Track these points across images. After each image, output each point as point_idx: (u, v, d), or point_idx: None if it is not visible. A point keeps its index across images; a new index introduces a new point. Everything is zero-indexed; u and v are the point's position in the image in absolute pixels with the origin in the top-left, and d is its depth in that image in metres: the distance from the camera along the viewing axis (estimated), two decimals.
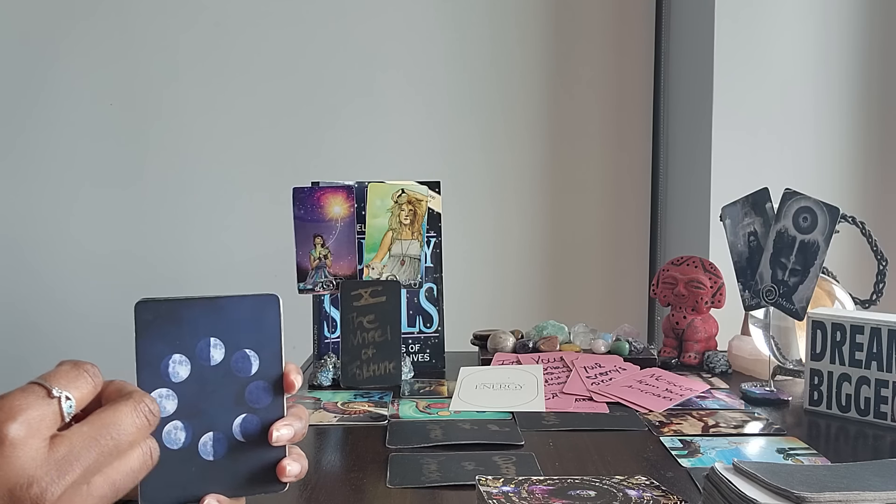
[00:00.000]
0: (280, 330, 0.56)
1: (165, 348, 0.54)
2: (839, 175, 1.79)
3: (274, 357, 0.56)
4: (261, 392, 0.56)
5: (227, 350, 0.55)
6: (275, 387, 0.56)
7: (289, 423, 0.56)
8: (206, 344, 0.54)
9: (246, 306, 0.56)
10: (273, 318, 0.56)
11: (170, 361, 0.54)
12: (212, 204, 2.11)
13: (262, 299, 0.56)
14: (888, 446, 0.95)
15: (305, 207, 1.18)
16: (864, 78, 1.78)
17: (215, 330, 0.55)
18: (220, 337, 0.55)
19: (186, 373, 0.54)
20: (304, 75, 2.09)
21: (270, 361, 0.56)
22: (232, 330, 0.55)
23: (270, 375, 0.56)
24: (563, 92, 2.12)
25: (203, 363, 0.54)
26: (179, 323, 0.54)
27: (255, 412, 0.55)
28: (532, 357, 1.30)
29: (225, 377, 0.55)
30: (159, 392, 0.53)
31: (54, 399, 0.46)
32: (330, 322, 1.29)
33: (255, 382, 0.55)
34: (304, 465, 0.57)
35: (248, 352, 0.55)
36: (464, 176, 2.10)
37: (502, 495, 0.68)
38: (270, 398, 0.56)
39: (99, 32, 2.08)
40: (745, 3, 1.77)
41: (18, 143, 2.09)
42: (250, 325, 0.56)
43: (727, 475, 0.68)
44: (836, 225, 1.04)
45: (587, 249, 2.14)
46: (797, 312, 1.08)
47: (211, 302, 0.55)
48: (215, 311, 0.55)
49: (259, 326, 0.56)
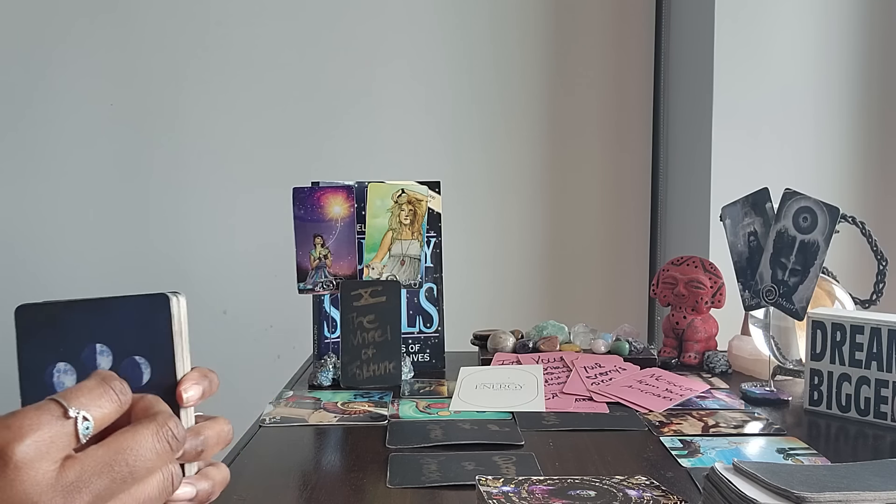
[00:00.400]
0: (171, 334, 0.50)
1: (48, 356, 0.49)
2: (839, 175, 1.79)
3: (166, 364, 0.50)
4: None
5: (115, 357, 0.49)
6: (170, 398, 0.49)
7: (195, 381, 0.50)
8: (91, 350, 0.49)
9: (133, 308, 0.50)
10: (163, 320, 0.50)
11: (54, 371, 0.49)
12: (212, 204, 2.11)
13: (151, 299, 0.50)
14: (888, 446, 0.95)
15: (305, 207, 1.18)
16: (864, 78, 1.78)
17: (101, 335, 0.49)
18: (106, 343, 0.49)
19: (72, 383, 0.49)
20: (304, 75, 2.09)
21: (163, 369, 0.50)
22: (120, 335, 0.49)
23: (164, 385, 0.49)
24: (563, 92, 2.12)
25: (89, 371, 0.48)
26: (63, 328, 0.49)
27: None
28: (532, 357, 1.30)
29: None
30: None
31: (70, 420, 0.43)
32: (330, 322, 1.29)
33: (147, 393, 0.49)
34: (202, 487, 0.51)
35: (138, 359, 0.50)
36: (464, 176, 2.10)
37: (502, 495, 0.68)
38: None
39: (99, 32, 2.08)
40: (745, 2, 1.77)
41: (18, 143, 2.09)
42: (139, 329, 0.50)
43: (727, 475, 0.68)
44: (836, 225, 1.04)
45: (587, 249, 2.14)
46: (797, 312, 1.08)
47: (96, 304, 0.50)
48: (101, 313, 0.50)
49: (149, 330, 0.50)
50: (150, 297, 0.50)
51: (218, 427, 0.52)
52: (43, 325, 0.49)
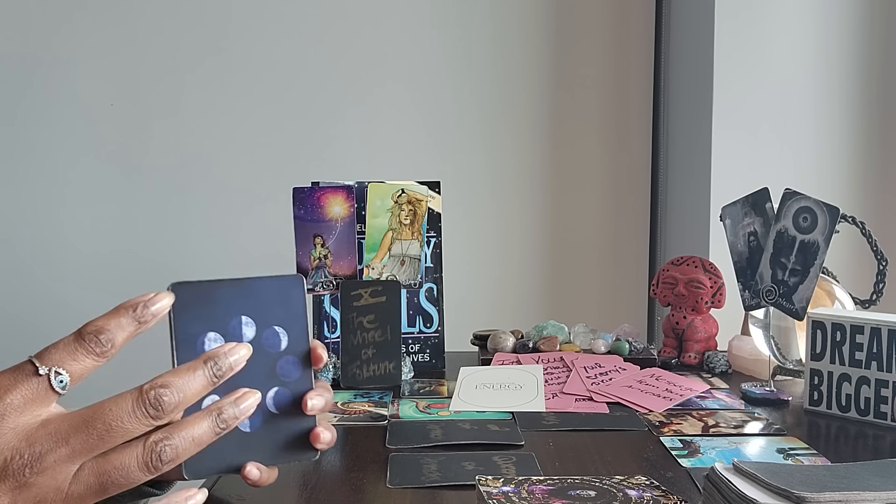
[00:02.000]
0: (305, 308, 0.60)
1: (201, 327, 0.56)
2: (839, 175, 1.79)
3: (301, 333, 0.59)
4: (290, 366, 0.59)
5: (258, 327, 0.58)
6: (303, 361, 0.59)
7: (319, 394, 0.60)
8: (238, 322, 0.57)
9: (273, 286, 0.59)
10: (298, 296, 0.60)
11: (205, 339, 0.56)
12: (212, 204, 2.11)
13: (288, 279, 0.60)
14: (888, 446, 0.95)
15: (305, 207, 1.18)
16: (865, 78, 1.78)
17: (246, 309, 0.58)
18: (250, 315, 0.58)
19: None
20: (304, 75, 2.09)
21: (298, 337, 0.59)
22: (261, 308, 0.58)
23: (298, 350, 0.59)
24: (563, 92, 2.12)
25: (236, 340, 0.56)
26: (213, 303, 0.57)
27: (286, 385, 0.59)
28: (532, 357, 1.30)
29: (257, 353, 0.56)
30: None
31: (42, 377, 0.46)
32: (330, 322, 1.29)
33: (286, 357, 0.59)
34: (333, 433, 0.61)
35: (277, 328, 0.59)
36: (464, 176, 2.10)
37: (502, 495, 0.68)
38: (300, 372, 0.59)
39: (99, 32, 2.08)
40: (746, 3, 1.77)
41: (18, 142, 2.09)
42: (278, 304, 0.59)
43: (727, 475, 0.68)
44: (836, 225, 1.04)
45: (587, 249, 2.14)
46: (797, 312, 1.08)
47: (241, 283, 0.58)
48: (245, 291, 0.58)
49: (286, 305, 0.59)
50: (288, 277, 0.60)
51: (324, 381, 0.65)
52: (196, 300, 0.57)
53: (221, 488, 0.81)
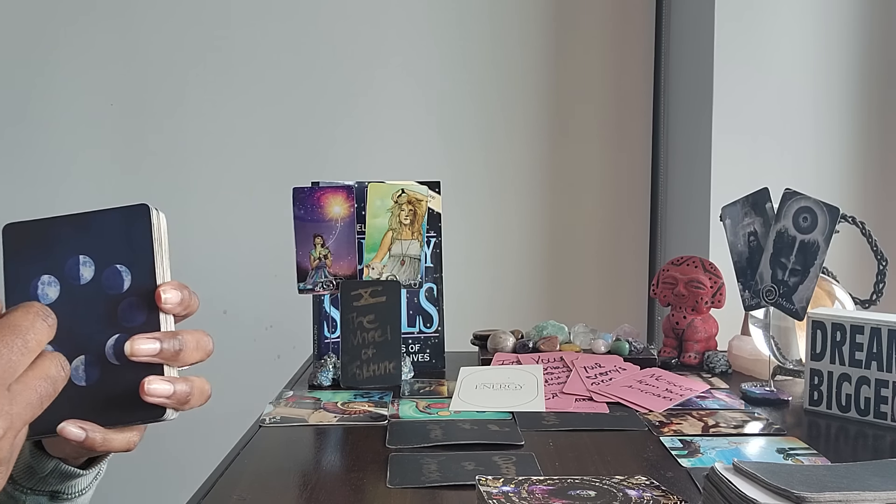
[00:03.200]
0: (151, 242, 0.52)
1: (34, 269, 0.51)
2: (839, 175, 1.79)
3: (146, 272, 0.51)
4: (133, 309, 0.51)
5: (98, 267, 0.51)
6: (149, 303, 0.51)
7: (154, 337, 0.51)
8: (74, 262, 0.51)
9: (115, 220, 0.52)
10: (143, 229, 0.52)
11: (38, 283, 0.51)
12: (212, 204, 2.11)
13: (131, 210, 0.52)
14: (888, 446, 0.95)
15: (305, 207, 1.18)
16: (865, 80, 1.78)
17: (84, 247, 0.52)
18: (89, 254, 0.52)
19: (56, 293, 0.51)
20: (305, 75, 2.09)
21: (142, 276, 0.51)
22: (101, 246, 0.52)
23: (144, 291, 0.51)
24: (562, 92, 2.12)
25: (73, 282, 0.51)
26: (47, 243, 0.52)
27: (128, 331, 0.51)
28: (532, 357, 1.30)
29: (96, 295, 0.51)
30: None
31: None
32: (330, 322, 1.29)
33: (128, 300, 0.51)
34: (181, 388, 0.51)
35: (119, 267, 0.51)
36: (464, 176, 2.10)
37: (502, 495, 0.68)
38: (144, 316, 0.51)
39: (99, 32, 2.08)
40: (746, 5, 1.77)
41: (18, 142, 2.09)
42: (121, 239, 0.52)
43: (727, 475, 0.68)
44: (836, 225, 1.04)
45: (587, 249, 2.14)
46: (797, 312, 1.08)
47: (78, 218, 0.52)
48: (83, 227, 0.52)
49: (129, 240, 0.52)
50: (130, 208, 0.52)
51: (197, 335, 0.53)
52: (29, 241, 0.52)
53: (222, 488, 0.81)
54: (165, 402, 0.51)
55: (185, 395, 0.52)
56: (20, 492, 0.68)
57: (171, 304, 0.51)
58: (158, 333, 0.51)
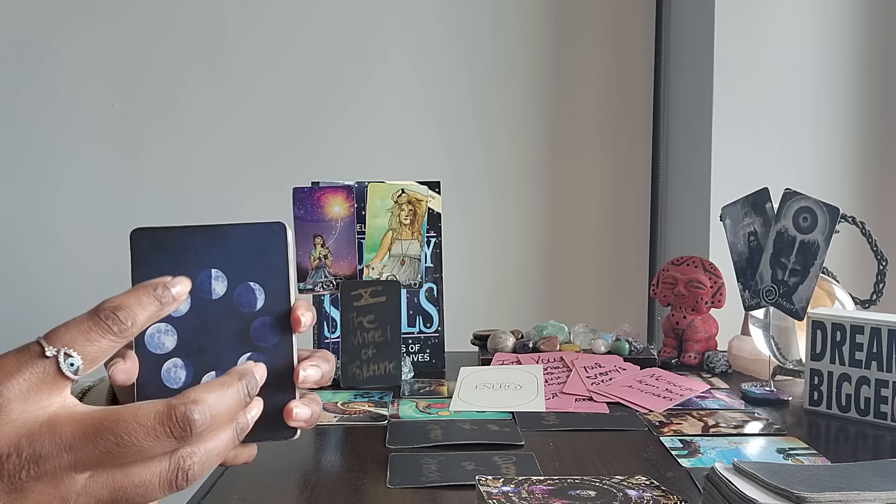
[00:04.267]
0: (287, 261, 0.51)
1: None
2: (839, 175, 1.79)
3: (280, 291, 0.51)
4: (267, 329, 0.50)
5: (230, 283, 0.50)
6: (282, 324, 0.51)
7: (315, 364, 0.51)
8: (206, 276, 0.50)
9: (250, 235, 0.51)
10: (279, 248, 0.51)
11: None
12: (212, 204, 2.11)
13: (268, 227, 0.51)
14: (888, 446, 0.95)
15: (305, 207, 1.18)
16: (865, 77, 1.78)
17: (217, 261, 0.50)
18: (222, 268, 0.50)
19: (186, 306, 0.50)
20: (304, 75, 2.09)
21: (277, 296, 0.50)
22: (235, 261, 0.50)
23: (277, 311, 0.50)
24: (562, 91, 2.12)
25: (204, 296, 0.50)
26: (178, 252, 0.50)
27: (261, 351, 0.50)
28: (532, 357, 1.30)
29: (228, 312, 0.50)
30: (157, 327, 0.49)
31: (49, 359, 0.41)
32: (330, 322, 1.29)
33: (261, 318, 0.50)
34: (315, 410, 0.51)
35: (253, 285, 0.50)
36: (464, 176, 2.10)
37: (502, 495, 0.68)
38: (278, 336, 0.50)
39: (99, 32, 2.08)
40: (746, 2, 1.77)
41: (18, 142, 2.09)
42: (255, 256, 0.50)
43: (727, 475, 0.68)
44: (836, 225, 1.04)
45: (587, 249, 2.14)
46: (797, 312, 1.08)
47: (213, 230, 0.50)
48: (217, 240, 0.50)
49: (264, 257, 0.50)
50: (267, 225, 0.51)
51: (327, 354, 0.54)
52: (159, 249, 0.50)
53: (222, 488, 0.81)
54: (304, 425, 0.51)
55: (317, 417, 0.51)
56: None
57: (307, 327, 0.51)
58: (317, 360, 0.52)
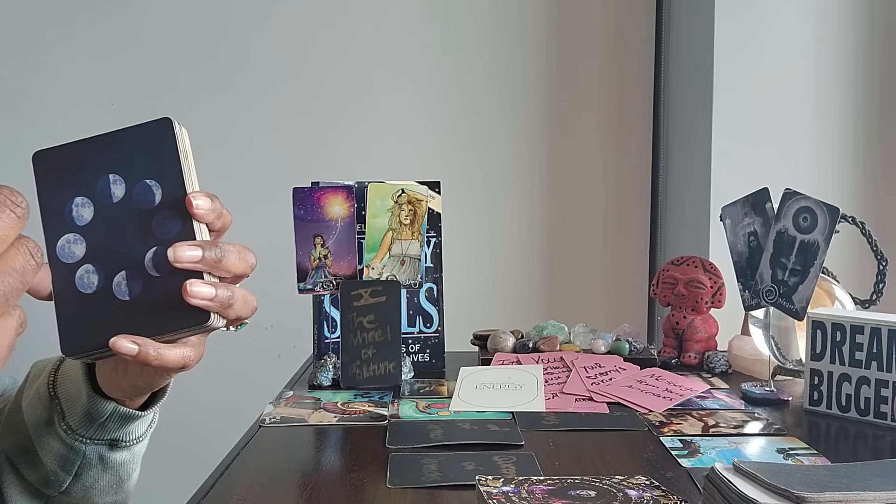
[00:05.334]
0: (177, 154, 0.54)
1: (66, 193, 0.52)
2: (839, 175, 1.79)
3: (175, 183, 0.53)
4: (168, 222, 0.53)
5: (128, 184, 0.53)
6: (182, 214, 0.53)
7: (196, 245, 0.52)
8: (105, 182, 0.53)
9: (140, 136, 0.54)
10: (168, 143, 0.54)
11: (72, 206, 0.52)
12: None
13: (154, 125, 0.54)
14: (888, 446, 0.95)
15: (305, 207, 1.18)
16: (865, 77, 1.78)
17: (113, 166, 0.53)
18: (118, 172, 0.53)
19: (90, 214, 0.52)
20: (304, 75, 2.09)
21: (172, 189, 0.53)
22: (129, 163, 0.53)
23: (175, 202, 0.53)
24: (562, 92, 2.12)
25: (105, 201, 0.52)
26: (76, 166, 0.53)
27: (165, 243, 0.52)
28: (532, 357, 1.30)
29: (129, 212, 0.52)
30: (66, 238, 0.52)
31: None
32: (330, 322, 1.29)
33: (161, 212, 0.53)
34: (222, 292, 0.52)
35: (149, 182, 0.53)
36: (464, 176, 2.10)
37: (502, 495, 0.68)
38: (179, 226, 0.53)
39: (99, 32, 2.08)
40: (746, 3, 1.77)
41: (17, 142, 2.09)
42: (147, 155, 0.53)
43: (727, 475, 0.68)
44: (836, 225, 1.04)
45: (587, 249, 2.14)
46: (797, 312, 1.08)
47: (105, 138, 0.53)
48: (110, 146, 0.53)
49: (156, 154, 0.53)
50: (153, 123, 0.54)
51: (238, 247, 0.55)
52: (59, 166, 0.53)
53: (222, 488, 0.81)
54: (208, 304, 0.51)
55: (228, 300, 0.52)
56: (80, 442, 0.68)
57: (204, 210, 0.52)
58: (200, 241, 0.52)
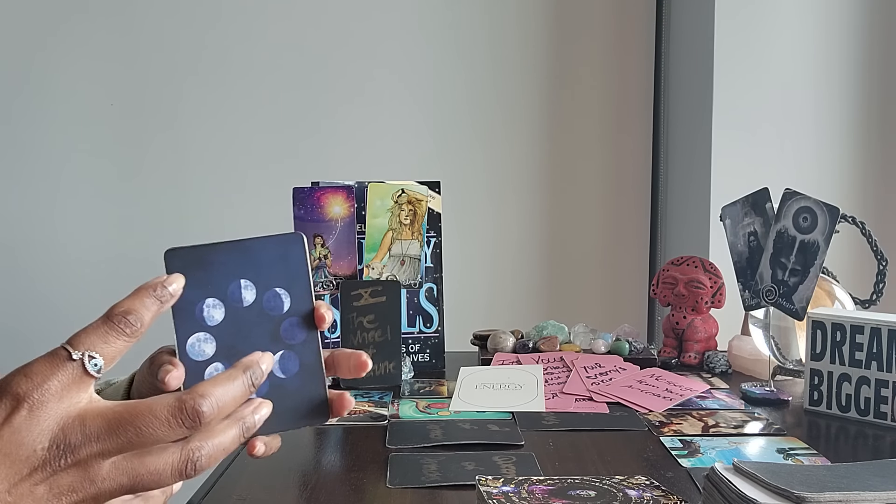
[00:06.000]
0: (307, 267, 0.57)
1: (198, 293, 0.55)
2: (839, 175, 1.79)
3: (303, 293, 0.57)
4: (295, 328, 0.57)
5: (258, 290, 0.56)
6: (308, 323, 0.57)
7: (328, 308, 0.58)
8: (237, 286, 0.56)
9: (272, 246, 0.57)
10: (299, 255, 0.57)
11: (204, 306, 0.55)
12: (211, 204, 2.11)
13: (287, 238, 0.57)
14: (888, 446, 0.95)
15: (305, 207, 1.18)
16: (864, 77, 1.78)
17: (244, 271, 0.56)
18: (249, 278, 0.56)
19: (221, 315, 0.55)
20: (304, 75, 2.09)
21: (300, 298, 0.57)
22: (260, 270, 0.56)
23: (302, 311, 0.57)
24: (562, 91, 2.12)
25: (236, 304, 0.56)
26: (209, 267, 0.55)
27: (292, 348, 0.57)
28: (532, 357, 1.30)
29: (259, 317, 0.56)
30: (197, 336, 0.55)
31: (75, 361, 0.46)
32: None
33: (289, 319, 0.57)
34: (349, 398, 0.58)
35: (279, 290, 0.57)
36: (463, 176, 2.10)
37: (502, 495, 0.68)
38: (305, 333, 0.57)
39: (99, 32, 2.08)
40: (746, 2, 1.77)
41: (17, 142, 2.09)
42: (278, 265, 0.57)
43: (727, 475, 0.68)
44: (836, 225, 1.04)
45: (587, 249, 2.14)
46: (797, 312, 1.08)
47: (237, 245, 0.56)
48: (242, 253, 0.56)
49: (286, 265, 0.57)
50: (287, 236, 0.57)
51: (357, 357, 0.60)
52: (192, 266, 0.55)
53: (222, 488, 0.81)
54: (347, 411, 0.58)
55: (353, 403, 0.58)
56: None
57: (329, 323, 0.57)
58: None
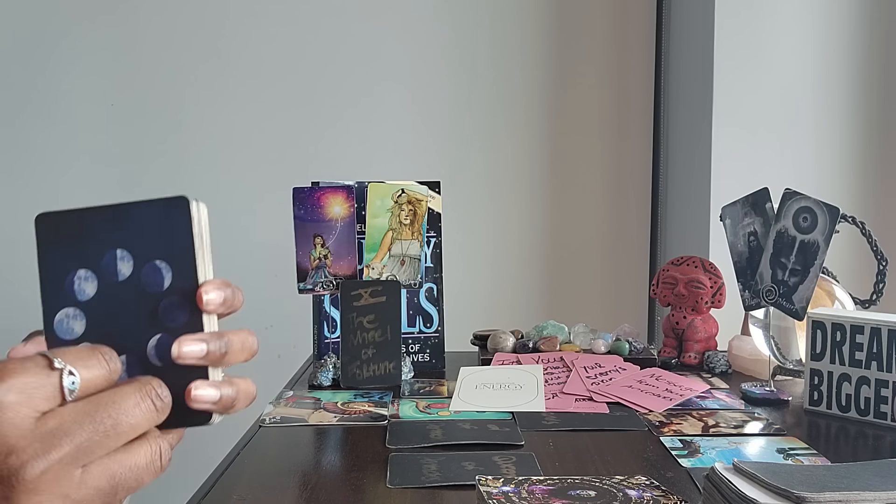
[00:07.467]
0: (191, 237, 0.48)
1: (69, 263, 0.48)
2: (839, 175, 1.79)
3: (187, 268, 0.48)
4: (175, 309, 0.48)
5: (136, 262, 0.48)
6: (192, 303, 0.48)
7: (201, 339, 0.48)
8: (112, 257, 0.48)
9: (154, 212, 0.48)
10: (183, 223, 0.48)
11: (74, 278, 0.48)
12: (212, 204, 2.08)
13: (170, 202, 0.48)
14: (888, 446, 0.95)
15: (305, 207, 1.18)
16: (865, 78, 1.78)
17: (121, 240, 0.48)
18: (126, 248, 0.48)
19: (93, 290, 0.48)
20: (304, 75, 2.09)
21: (183, 273, 0.48)
22: (140, 240, 0.48)
23: (185, 289, 0.48)
24: (563, 92, 2.12)
25: (111, 278, 0.48)
26: (83, 235, 0.48)
27: (171, 332, 0.47)
28: (532, 357, 1.30)
29: (135, 293, 0.48)
30: (65, 312, 0.48)
31: (55, 371, 0.42)
32: (330, 322, 1.29)
33: (169, 298, 0.48)
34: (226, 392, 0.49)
35: (159, 263, 0.48)
36: (463, 176, 2.10)
37: (502, 495, 0.68)
38: (187, 315, 0.48)
39: (100, 32, 2.08)
40: (746, 3, 1.77)
41: (18, 143, 2.09)
42: (159, 234, 0.48)
43: (727, 475, 0.68)
44: (836, 225, 1.04)
45: (587, 249, 2.14)
46: (797, 312, 1.08)
47: (116, 209, 0.49)
48: (121, 219, 0.48)
49: (169, 235, 0.48)
50: (169, 200, 0.48)
51: (242, 334, 0.51)
52: (63, 233, 0.48)
53: (222, 488, 0.81)
54: (211, 407, 0.48)
55: (231, 400, 0.49)
56: None
57: (214, 306, 0.49)
58: (205, 335, 0.48)
